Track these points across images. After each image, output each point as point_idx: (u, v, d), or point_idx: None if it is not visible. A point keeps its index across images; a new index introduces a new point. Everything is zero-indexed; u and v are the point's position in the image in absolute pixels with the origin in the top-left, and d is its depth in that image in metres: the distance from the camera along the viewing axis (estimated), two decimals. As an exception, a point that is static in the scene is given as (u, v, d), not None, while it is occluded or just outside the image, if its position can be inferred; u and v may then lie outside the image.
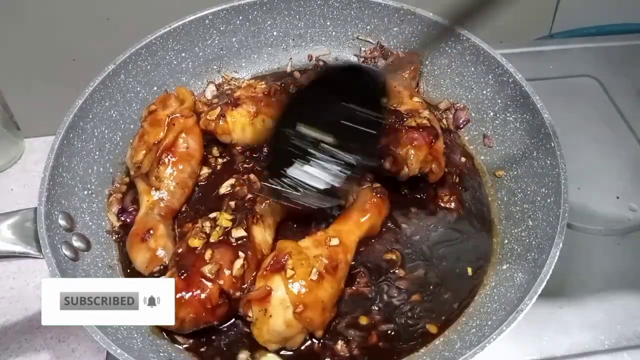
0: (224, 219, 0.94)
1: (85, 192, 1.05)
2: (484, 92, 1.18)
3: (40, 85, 1.37)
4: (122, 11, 1.32)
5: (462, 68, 1.21)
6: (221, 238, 0.91)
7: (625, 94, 1.47)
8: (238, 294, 0.89)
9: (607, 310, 1.10)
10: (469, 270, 1.01)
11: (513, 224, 1.05)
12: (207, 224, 0.93)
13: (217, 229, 0.92)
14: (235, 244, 0.92)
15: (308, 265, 0.88)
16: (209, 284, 0.87)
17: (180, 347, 0.92)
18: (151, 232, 0.99)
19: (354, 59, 1.33)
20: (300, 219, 1.04)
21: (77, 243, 0.97)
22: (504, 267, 1.00)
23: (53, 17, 1.29)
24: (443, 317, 0.95)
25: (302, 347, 0.91)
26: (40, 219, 0.91)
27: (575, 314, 1.09)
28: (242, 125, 1.10)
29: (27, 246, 0.90)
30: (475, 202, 1.10)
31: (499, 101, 1.15)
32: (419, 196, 1.08)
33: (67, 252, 0.93)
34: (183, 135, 1.07)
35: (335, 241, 0.94)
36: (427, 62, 1.25)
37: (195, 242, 0.91)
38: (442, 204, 1.08)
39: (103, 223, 1.05)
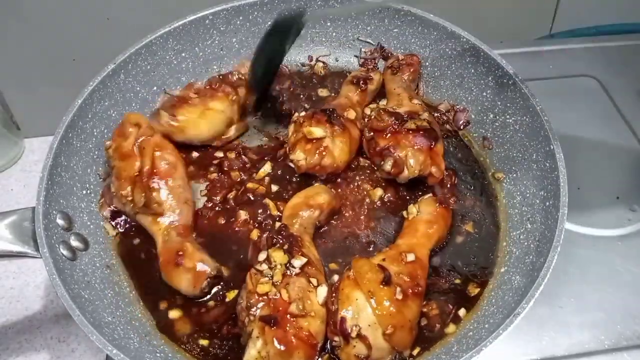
0: (278, 255, 0.90)
1: (84, 192, 1.05)
2: (484, 94, 1.18)
3: (40, 85, 1.37)
4: (122, 11, 1.32)
5: (462, 70, 1.21)
6: (286, 272, 0.88)
7: (625, 94, 1.47)
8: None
9: (607, 310, 1.10)
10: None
11: (511, 226, 1.05)
12: (264, 266, 0.89)
13: (278, 266, 0.88)
14: (301, 272, 0.88)
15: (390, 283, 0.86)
16: (303, 320, 0.83)
17: (176, 347, 0.92)
18: (180, 253, 0.95)
19: (354, 60, 1.33)
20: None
21: (75, 243, 0.97)
22: (502, 270, 1.00)
23: (53, 17, 1.29)
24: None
25: None
26: (38, 219, 0.91)
27: (575, 314, 1.09)
28: (193, 121, 1.11)
29: (24, 245, 0.91)
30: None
31: (499, 103, 1.15)
32: (418, 198, 1.07)
33: (65, 252, 0.93)
34: (157, 153, 1.03)
35: (411, 257, 0.91)
36: (427, 64, 1.25)
37: (265, 288, 0.85)
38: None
39: (101, 223, 1.05)
